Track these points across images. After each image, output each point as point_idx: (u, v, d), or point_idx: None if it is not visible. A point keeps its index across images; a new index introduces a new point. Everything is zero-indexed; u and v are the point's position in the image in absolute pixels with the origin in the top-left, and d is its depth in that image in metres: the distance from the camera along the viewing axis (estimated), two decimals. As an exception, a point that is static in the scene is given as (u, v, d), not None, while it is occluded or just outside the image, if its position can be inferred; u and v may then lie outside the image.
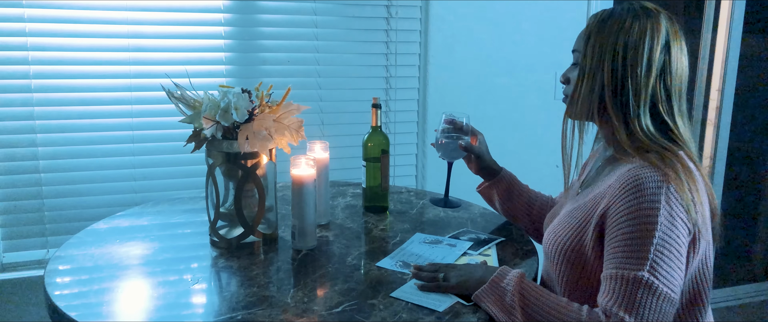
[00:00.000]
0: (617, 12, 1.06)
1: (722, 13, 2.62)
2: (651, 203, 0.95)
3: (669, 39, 1.04)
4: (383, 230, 1.42)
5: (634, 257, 0.95)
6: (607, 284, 0.97)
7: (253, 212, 1.30)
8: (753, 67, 2.81)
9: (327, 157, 1.45)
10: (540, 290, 1.00)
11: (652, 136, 1.03)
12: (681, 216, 0.96)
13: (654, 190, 0.96)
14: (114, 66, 1.83)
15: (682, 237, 0.96)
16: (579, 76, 1.08)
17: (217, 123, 1.21)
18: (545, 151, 2.20)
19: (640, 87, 1.03)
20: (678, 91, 1.05)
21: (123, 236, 1.34)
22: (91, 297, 1.06)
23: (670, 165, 0.99)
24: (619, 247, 0.97)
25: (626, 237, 0.96)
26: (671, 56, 1.04)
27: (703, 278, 1.05)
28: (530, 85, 2.25)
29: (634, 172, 0.99)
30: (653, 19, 1.04)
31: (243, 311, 1.01)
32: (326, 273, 1.18)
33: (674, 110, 1.05)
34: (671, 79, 1.04)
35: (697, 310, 1.06)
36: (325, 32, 2.02)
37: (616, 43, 1.03)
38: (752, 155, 3.04)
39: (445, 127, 1.40)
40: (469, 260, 1.22)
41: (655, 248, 0.94)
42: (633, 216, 0.96)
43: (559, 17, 2.23)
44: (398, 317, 0.99)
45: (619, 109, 1.04)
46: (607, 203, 1.01)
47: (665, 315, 0.94)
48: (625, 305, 0.93)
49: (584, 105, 1.07)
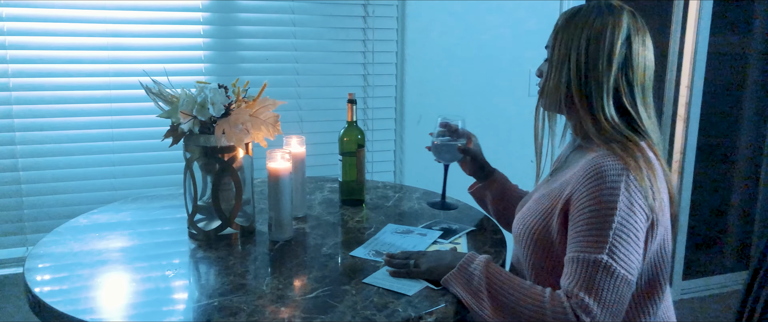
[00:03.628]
0: (584, 9, 1.12)
1: (691, 11, 2.70)
2: (611, 190, 1.00)
3: (630, 34, 1.09)
4: (359, 222, 1.46)
5: (594, 241, 0.99)
6: (569, 266, 1.02)
7: (230, 204, 1.33)
8: (722, 63, 2.90)
9: (303, 151, 1.48)
10: (506, 274, 1.05)
11: (616, 126, 1.08)
12: (639, 203, 1.01)
13: (614, 178, 1.01)
14: (93, 64, 1.84)
15: (641, 223, 1.01)
16: (549, 70, 1.14)
17: (194, 118, 1.24)
18: (520, 146, 2.25)
19: (601, 79, 1.08)
20: (641, 84, 1.11)
21: (103, 231, 1.37)
22: (72, 289, 1.08)
23: (631, 154, 1.04)
24: (580, 231, 1.02)
25: (587, 222, 1.01)
26: (632, 50, 1.09)
27: (661, 262, 1.10)
28: (504, 82, 2.31)
29: (596, 160, 1.04)
30: (615, 15, 1.09)
31: (220, 297, 1.04)
32: (302, 262, 1.21)
33: (637, 102, 1.10)
34: (633, 71, 1.09)
35: (656, 292, 1.11)
36: (303, 31, 2.05)
37: (580, 38, 1.09)
38: (722, 150, 3.13)
39: (440, 130, 1.44)
40: (439, 248, 1.26)
41: (614, 232, 0.99)
42: (594, 202, 1.01)
43: (531, 16, 2.29)
44: (370, 301, 1.03)
45: (584, 100, 1.09)
46: (572, 190, 1.06)
47: (622, 296, 0.99)
48: (585, 287, 0.98)
49: (553, 97, 1.13)
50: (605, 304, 0.97)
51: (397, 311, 1.00)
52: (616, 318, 0.98)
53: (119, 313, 1.01)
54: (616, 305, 0.98)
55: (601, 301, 0.97)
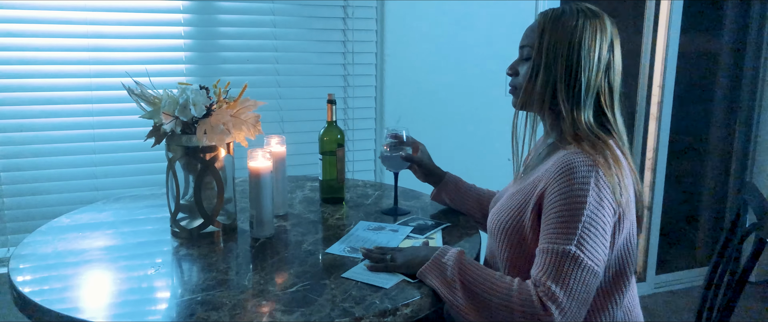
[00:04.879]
0: (567, 13, 1.15)
1: (662, 12, 2.78)
2: (581, 185, 1.05)
3: (612, 38, 1.15)
4: (339, 219, 1.50)
5: (564, 233, 1.04)
6: (538, 257, 1.06)
7: (212, 203, 1.36)
8: (692, 62, 2.98)
9: (284, 150, 1.51)
10: (477, 266, 1.10)
11: (590, 126, 1.13)
12: (608, 198, 1.06)
13: (585, 173, 1.06)
14: (74, 65, 1.85)
15: (608, 217, 1.07)
16: (532, 70, 1.17)
17: (176, 118, 1.27)
18: (496, 144, 2.31)
19: (590, 82, 1.13)
20: (618, 86, 1.17)
21: (86, 230, 1.39)
22: (57, 288, 1.11)
23: (600, 152, 1.09)
24: (551, 224, 1.07)
25: (558, 215, 1.06)
26: (614, 54, 1.15)
27: (627, 254, 1.16)
28: (481, 81, 2.36)
29: (568, 157, 1.09)
30: (599, 20, 1.14)
31: (202, 293, 1.07)
32: (282, 258, 1.25)
33: (614, 103, 1.16)
34: (614, 74, 1.16)
35: (622, 283, 1.16)
36: (283, 32, 2.08)
37: (570, 42, 1.12)
38: (693, 147, 3.22)
39: (390, 142, 1.50)
40: (413, 243, 1.30)
41: (583, 225, 1.04)
42: (565, 196, 1.06)
43: (508, 17, 2.34)
44: (348, 294, 1.07)
45: (569, 101, 1.14)
46: (544, 185, 1.11)
47: (589, 286, 1.04)
48: (553, 276, 1.03)
49: (538, 96, 1.16)
50: (572, 293, 1.02)
51: (374, 304, 1.04)
52: (582, 308, 1.04)
53: (104, 309, 1.03)
54: (582, 294, 1.03)
55: (568, 290, 1.02)
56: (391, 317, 1.02)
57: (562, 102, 1.14)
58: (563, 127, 1.15)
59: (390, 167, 1.52)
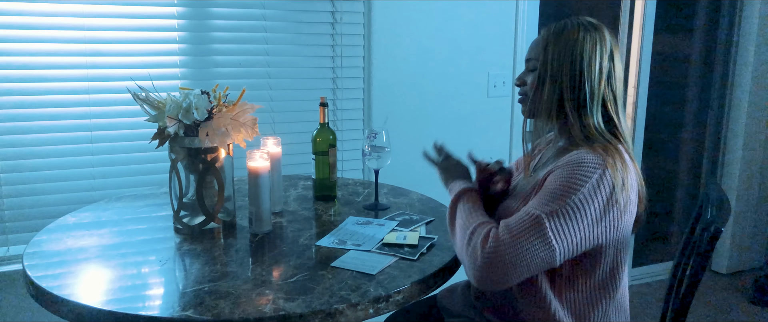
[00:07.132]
0: (569, 26, 1.23)
1: (636, 13, 2.90)
2: (583, 176, 1.12)
3: (612, 49, 1.23)
4: (332, 216, 1.59)
5: (546, 204, 1.11)
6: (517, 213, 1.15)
7: (213, 201, 1.44)
8: (666, 63, 3.12)
9: (279, 151, 1.60)
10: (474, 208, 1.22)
11: (601, 131, 1.21)
12: (604, 196, 1.11)
13: (591, 168, 1.13)
14: (72, 70, 1.91)
15: (596, 214, 1.10)
16: (539, 81, 1.24)
17: (180, 121, 1.35)
18: (481, 144, 2.41)
19: (594, 90, 1.20)
20: (620, 93, 1.25)
21: (92, 228, 1.46)
22: (69, 277, 1.18)
23: (610, 154, 1.16)
24: (540, 195, 1.14)
25: (550, 191, 1.13)
26: (615, 64, 1.23)
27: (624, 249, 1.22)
28: (465, 83, 2.46)
29: (580, 154, 1.16)
30: (600, 32, 1.22)
31: (208, 283, 1.16)
32: (281, 252, 1.33)
33: (619, 110, 1.24)
34: (616, 82, 1.23)
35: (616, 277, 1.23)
36: (274, 36, 2.16)
37: (573, 54, 1.20)
38: (667, 147, 3.36)
39: (369, 142, 1.60)
40: (397, 235, 1.41)
41: (567, 205, 1.10)
42: (564, 180, 1.13)
43: (489, 21, 2.44)
44: (344, 283, 1.17)
45: (576, 109, 1.21)
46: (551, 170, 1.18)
47: (535, 257, 1.08)
48: (512, 229, 1.10)
49: (546, 105, 1.24)
50: (515, 249, 1.07)
51: (369, 291, 1.13)
52: (512, 271, 1.08)
53: (118, 299, 1.11)
54: (524, 258, 1.08)
55: (515, 245, 1.08)
56: (384, 303, 1.12)
57: (569, 110, 1.20)
58: (573, 132, 1.21)
59: (370, 164, 1.62)
